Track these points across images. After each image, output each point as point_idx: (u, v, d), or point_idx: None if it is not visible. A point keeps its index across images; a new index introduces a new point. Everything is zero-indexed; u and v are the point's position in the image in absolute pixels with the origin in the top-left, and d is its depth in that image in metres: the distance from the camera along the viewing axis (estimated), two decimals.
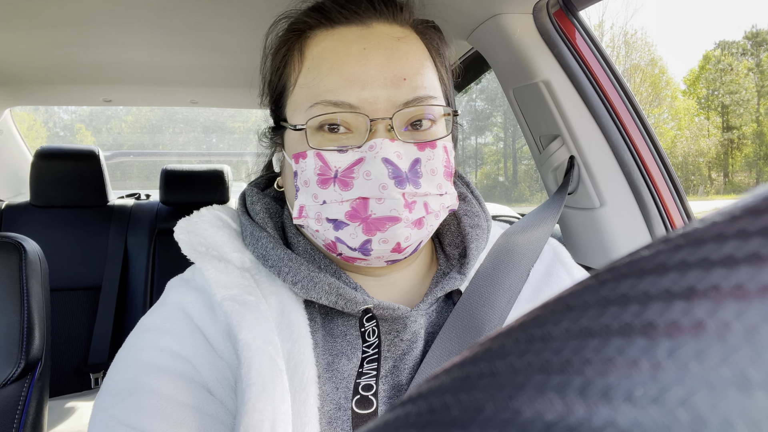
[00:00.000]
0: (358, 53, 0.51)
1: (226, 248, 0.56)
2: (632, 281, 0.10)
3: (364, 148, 0.50)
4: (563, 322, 0.10)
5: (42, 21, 1.27)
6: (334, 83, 0.50)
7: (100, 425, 0.47)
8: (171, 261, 2.07)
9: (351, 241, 0.51)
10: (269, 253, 0.54)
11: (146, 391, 0.47)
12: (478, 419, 0.10)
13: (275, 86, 0.58)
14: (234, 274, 0.53)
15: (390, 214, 0.49)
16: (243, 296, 0.51)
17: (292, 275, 0.52)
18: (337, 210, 0.51)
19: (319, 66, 0.51)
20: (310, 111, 0.51)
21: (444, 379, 0.11)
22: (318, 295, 0.52)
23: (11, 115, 2.29)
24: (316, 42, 0.53)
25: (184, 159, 4.35)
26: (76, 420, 1.55)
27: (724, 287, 0.09)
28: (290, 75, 0.55)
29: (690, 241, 0.10)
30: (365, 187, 0.49)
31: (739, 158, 23.78)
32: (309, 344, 0.50)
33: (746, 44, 24.43)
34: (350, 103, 0.50)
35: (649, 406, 0.08)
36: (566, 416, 0.09)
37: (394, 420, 0.11)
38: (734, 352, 0.08)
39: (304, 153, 0.52)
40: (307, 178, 0.52)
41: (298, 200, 0.53)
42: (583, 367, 0.09)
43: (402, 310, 0.53)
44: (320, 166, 0.51)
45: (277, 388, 0.45)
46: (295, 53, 0.54)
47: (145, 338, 0.51)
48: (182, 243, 0.57)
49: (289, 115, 0.55)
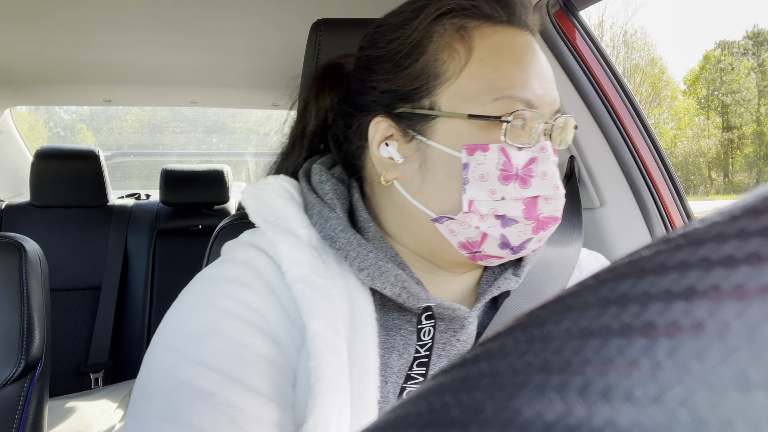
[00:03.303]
0: (529, 54, 0.52)
1: (294, 222, 0.54)
2: (632, 281, 0.10)
3: (536, 149, 0.51)
4: (563, 322, 0.10)
5: (42, 21, 1.27)
6: (519, 79, 0.50)
7: (168, 366, 0.46)
8: (171, 261, 2.07)
9: (515, 239, 0.51)
10: (338, 235, 0.53)
11: (226, 337, 0.47)
12: (478, 419, 0.10)
13: (419, 71, 0.53)
14: (305, 250, 0.52)
15: (555, 214, 0.51)
16: (312, 278, 0.50)
17: (360, 261, 0.52)
18: (514, 207, 0.50)
19: (498, 59, 0.51)
20: (495, 105, 0.50)
21: (444, 379, 0.11)
22: (383, 285, 0.51)
23: (11, 115, 2.29)
24: (484, 35, 0.52)
25: (184, 159, 4.35)
26: (76, 420, 1.55)
27: (725, 287, 0.09)
28: (450, 63, 0.52)
29: (690, 241, 0.10)
30: (542, 186, 0.50)
31: (739, 158, 23.78)
32: (373, 334, 0.50)
33: (747, 44, 24.44)
34: (532, 102, 0.50)
35: (649, 406, 0.08)
36: (566, 416, 0.09)
37: (394, 420, 0.11)
38: (734, 351, 0.08)
39: (485, 146, 0.50)
40: (485, 172, 0.50)
41: (467, 194, 0.50)
42: (583, 367, 0.09)
43: (462, 310, 0.53)
44: (503, 161, 0.50)
45: (343, 381, 0.46)
46: (456, 42, 0.52)
47: (220, 287, 0.50)
48: (250, 209, 0.55)
49: (449, 103, 0.52)
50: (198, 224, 2.12)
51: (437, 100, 0.52)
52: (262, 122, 8.17)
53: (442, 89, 0.52)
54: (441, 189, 0.52)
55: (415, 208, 0.54)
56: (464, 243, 0.53)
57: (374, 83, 0.55)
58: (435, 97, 0.52)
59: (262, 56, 1.62)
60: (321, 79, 0.64)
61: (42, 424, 0.96)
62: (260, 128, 10.79)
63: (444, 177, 0.52)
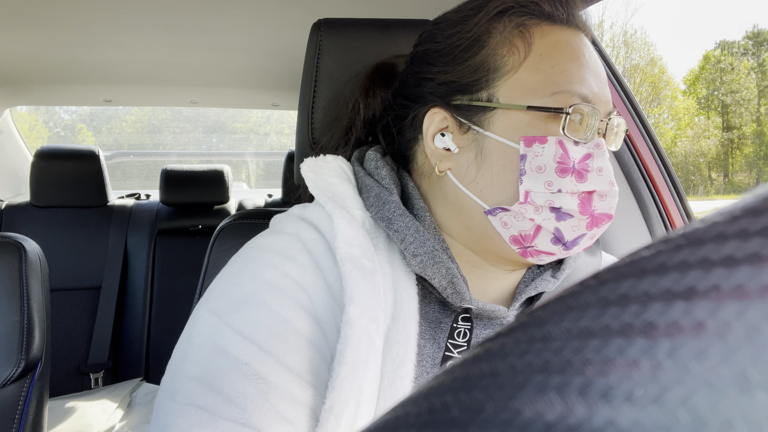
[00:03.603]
0: (586, 53, 0.53)
1: (351, 202, 0.55)
2: (632, 281, 0.10)
3: (591, 145, 0.51)
4: (564, 322, 0.10)
5: (42, 21, 1.27)
6: (577, 75, 0.51)
7: (210, 330, 0.47)
8: (171, 261, 2.07)
9: (569, 233, 0.51)
10: (396, 218, 0.53)
11: (267, 309, 0.48)
12: (478, 419, 0.10)
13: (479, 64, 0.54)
14: (359, 231, 0.52)
15: (609, 211, 0.51)
16: (362, 260, 0.50)
17: (415, 246, 0.52)
18: (569, 201, 0.50)
19: (556, 55, 0.52)
20: (554, 98, 0.51)
21: (444, 379, 0.11)
22: (433, 275, 0.51)
23: (11, 115, 2.29)
24: (542, 33, 0.53)
25: (184, 159, 4.35)
26: (76, 420, 1.55)
27: (725, 287, 0.09)
28: (509, 57, 0.53)
29: (690, 242, 0.10)
30: (598, 181, 0.50)
31: (739, 158, 23.78)
32: (414, 323, 0.50)
33: (747, 44, 24.44)
34: (589, 98, 0.51)
35: (649, 407, 0.08)
36: (566, 416, 0.09)
37: (394, 420, 0.11)
38: (735, 352, 0.08)
39: (543, 138, 0.50)
40: (542, 164, 0.50)
41: (523, 184, 0.51)
42: (583, 367, 0.09)
43: (501, 311, 0.54)
44: (561, 154, 0.50)
45: (368, 369, 0.46)
46: (516, 38, 0.53)
47: (266, 258, 0.51)
48: (309, 182, 0.56)
49: (508, 96, 0.52)
50: (198, 224, 2.12)
51: (495, 93, 0.53)
52: (262, 122, 8.15)
53: (500, 82, 0.53)
54: (497, 180, 0.52)
55: (469, 200, 0.54)
56: (516, 237, 0.53)
57: (432, 75, 0.56)
58: (493, 90, 0.53)
59: (263, 56, 1.62)
60: (371, 77, 0.65)
61: (42, 424, 0.96)
62: (260, 128, 10.76)
63: (500, 168, 0.52)
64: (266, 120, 10.03)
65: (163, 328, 2.03)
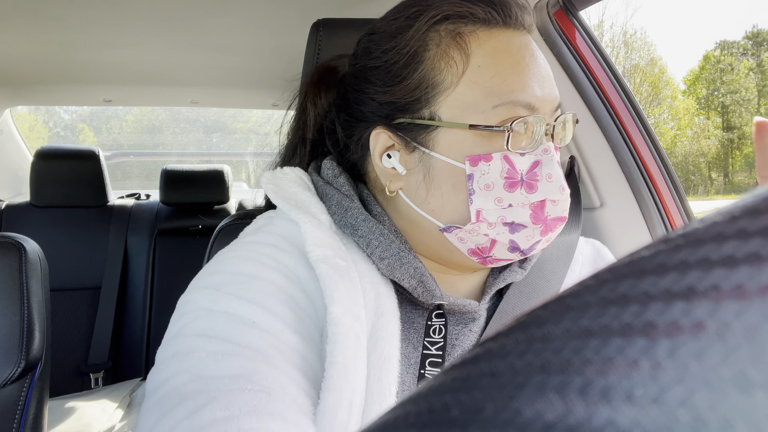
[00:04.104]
0: (527, 56, 0.51)
1: (315, 209, 0.55)
2: (632, 281, 0.10)
3: (539, 151, 0.51)
4: (563, 322, 0.10)
5: (42, 21, 1.27)
6: (518, 83, 0.50)
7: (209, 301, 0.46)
8: (171, 261, 2.07)
9: (524, 242, 0.51)
10: (359, 224, 0.53)
11: (267, 282, 0.48)
12: (478, 419, 0.10)
13: (418, 82, 0.52)
14: (327, 233, 0.52)
15: (562, 214, 0.51)
16: (335, 260, 0.50)
17: (381, 249, 0.52)
18: (521, 213, 0.50)
19: (495, 64, 0.50)
20: (496, 111, 0.49)
21: (444, 379, 0.11)
22: (402, 276, 0.52)
23: (11, 115, 2.29)
24: (480, 41, 0.51)
25: (184, 159, 4.35)
26: (76, 420, 1.55)
27: (724, 287, 0.09)
28: (447, 72, 0.51)
29: (690, 241, 0.10)
30: (548, 189, 0.50)
31: (739, 158, 23.78)
32: (395, 320, 0.50)
33: (747, 44, 24.43)
34: (533, 105, 0.50)
35: (649, 406, 0.08)
36: (566, 416, 0.09)
37: (394, 420, 0.11)
38: (734, 351, 0.08)
39: (488, 156, 0.50)
40: (490, 182, 0.50)
41: (473, 204, 0.50)
42: (583, 367, 0.09)
43: (472, 305, 0.54)
44: (507, 169, 0.50)
45: (358, 367, 0.46)
46: (452, 50, 0.51)
47: (258, 248, 0.51)
48: (271, 193, 0.56)
49: (449, 113, 0.51)
50: (198, 224, 2.12)
51: (437, 110, 0.52)
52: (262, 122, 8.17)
53: (441, 99, 0.52)
54: (447, 200, 0.52)
55: (422, 218, 0.54)
56: (474, 249, 0.53)
57: (372, 95, 0.55)
58: (435, 107, 0.52)
59: (262, 56, 1.62)
60: (316, 83, 0.63)
61: (42, 424, 0.96)
62: (260, 128, 10.78)
63: (449, 188, 0.52)
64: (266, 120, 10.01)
65: (163, 328, 2.00)
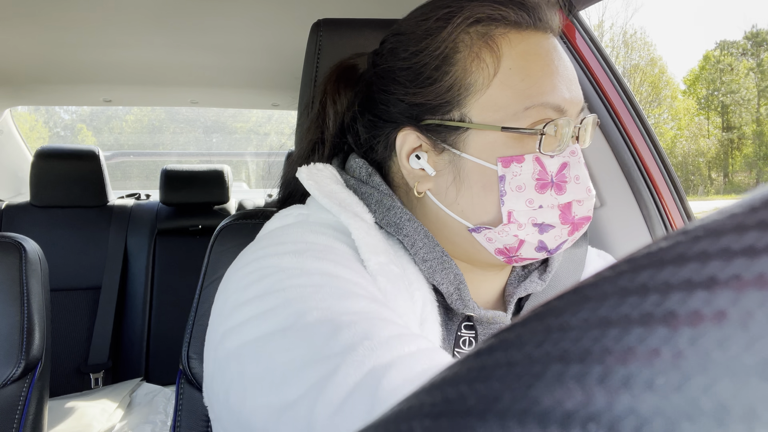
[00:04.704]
0: (556, 58, 0.52)
1: (358, 207, 0.53)
2: (651, 271, 0.10)
3: (566, 153, 0.51)
4: (581, 312, 0.10)
5: (42, 21, 1.27)
6: (548, 85, 0.50)
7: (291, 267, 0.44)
8: (171, 261, 2.07)
9: (552, 242, 0.52)
10: (404, 224, 0.52)
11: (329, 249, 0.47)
12: (495, 408, 0.09)
13: (450, 85, 0.52)
14: (378, 236, 0.51)
15: (588, 214, 0.52)
16: (390, 266, 0.49)
17: (425, 252, 0.52)
18: (551, 214, 0.50)
19: (526, 67, 0.50)
20: (527, 113, 0.50)
21: (458, 369, 0.11)
22: (441, 281, 0.51)
23: (11, 115, 2.29)
24: (511, 44, 0.51)
25: (184, 159, 4.35)
26: (76, 420, 1.55)
27: (746, 276, 0.09)
28: (479, 74, 0.51)
29: (710, 232, 0.10)
30: (576, 190, 0.51)
31: (739, 158, 23.80)
32: (437, 325, 0.50)
33: (746, 44, 24.46)
34: (562, 107, 0.50)
35: (671, 395, 0.08)
36: (587, 404, 0.09)
37: (408, 409, 0.11)
38: (757, 340, 0.08)
39: (520, 157, 0.50)
40: (522, 183, 0.50)
41: (505, 205, 0.50)
42: (603, 356, 0.09)
43: (501, 316, 0.54)
44: (539, 170, 0.50)
45: None
46: (484, 52, 0.51)
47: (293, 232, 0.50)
48: (314, 190, 0.53)
49: (480, 115, 0.51)
50: (198, 224, 2.11)
51: (467, 112, 0.52)
52: (262, 122, 8.15)
53: (472, 100, 0.51)
54: (478, 201, 0.52)
55: (451, 219, 0.53)
56: (501, 249, 0.53)
57: (400, 96, 0.54)
58: (465, 109, 0.52)
59: (262, 56, 1.62)
60: (336, 81, 0.63)
61: (42, 424, 0.96)
62: (260, 128, 10.75)
63: (480, 189, 0.51)
64: (266, 120, 10.01)
65: (163, 328, 2.03)
